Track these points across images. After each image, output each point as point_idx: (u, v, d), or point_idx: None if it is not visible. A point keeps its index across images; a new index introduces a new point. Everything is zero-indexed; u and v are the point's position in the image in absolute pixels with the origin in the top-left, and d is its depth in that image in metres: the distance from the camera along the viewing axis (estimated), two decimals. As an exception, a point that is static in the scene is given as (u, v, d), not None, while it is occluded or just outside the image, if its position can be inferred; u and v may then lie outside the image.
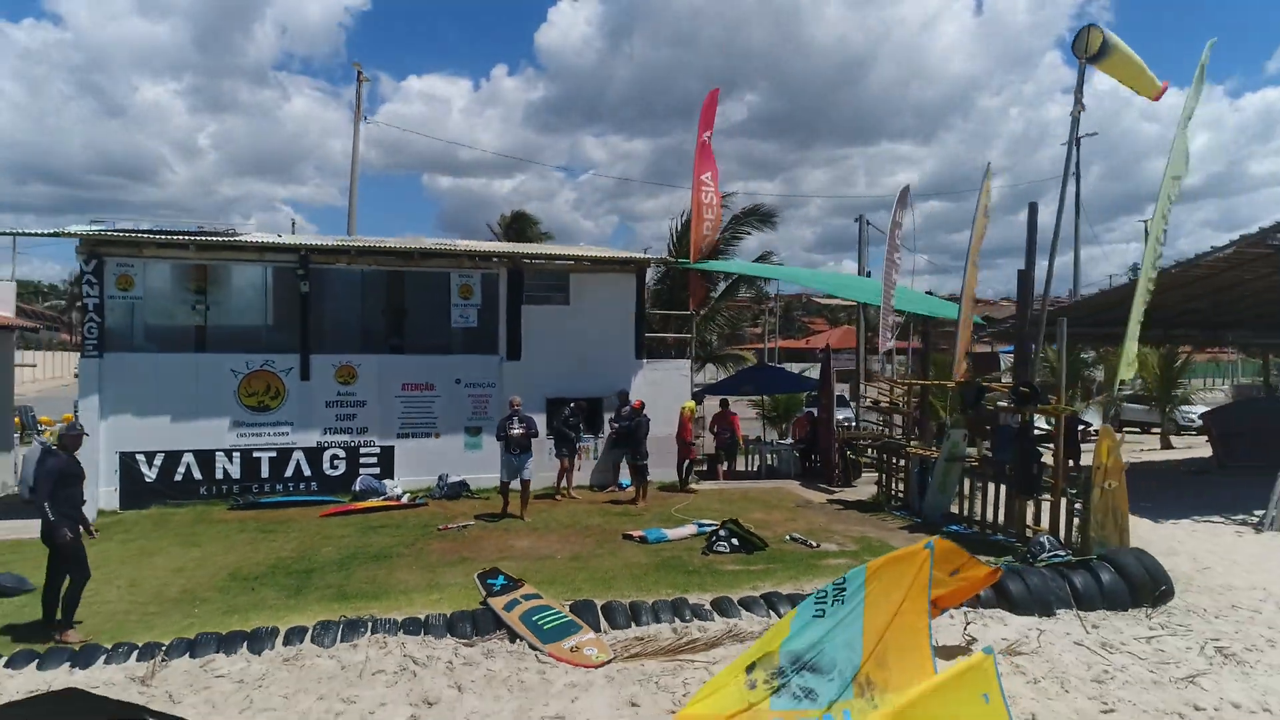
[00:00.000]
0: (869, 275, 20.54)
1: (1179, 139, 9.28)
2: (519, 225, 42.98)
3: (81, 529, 6.59)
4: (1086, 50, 9.62)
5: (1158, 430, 23.05)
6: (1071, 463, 11.99)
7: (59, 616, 6.50)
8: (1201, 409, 22.35)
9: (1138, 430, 25.99)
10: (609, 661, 5.87)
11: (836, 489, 13.75)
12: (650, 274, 16.84)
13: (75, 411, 25.84)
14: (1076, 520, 8.84)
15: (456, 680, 5.55)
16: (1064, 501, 9.00)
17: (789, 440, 18.23)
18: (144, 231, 12.09)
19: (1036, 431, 9.90)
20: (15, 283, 17.11)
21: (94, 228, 12.04)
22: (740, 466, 17.00)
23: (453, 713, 5.12)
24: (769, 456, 17.18)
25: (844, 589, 5.27)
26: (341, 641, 6.09)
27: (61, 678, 5.54)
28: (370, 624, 6.36)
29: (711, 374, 22.33)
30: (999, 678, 4.31)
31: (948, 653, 5.94)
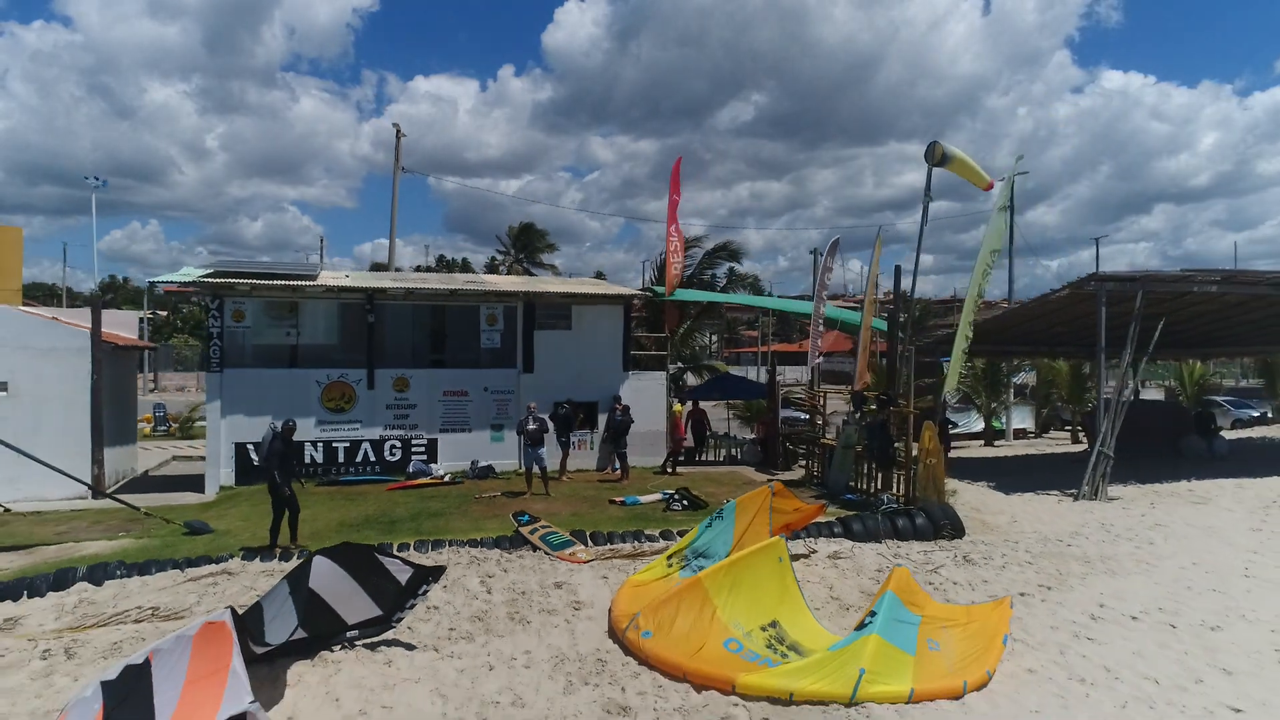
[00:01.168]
0: (857, 301, 24.48)
1: (995, 220, 13.22)
2: (527, 236, 47.03)
3: (299, 480, 10.82)
4: (934, 159, 13.59)
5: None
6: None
7: (283, 537, 10.67)
8: None
9: (1079, 428, 29.88)
10: (592, 560, 9.87)
11: (777, 472, 17.73)
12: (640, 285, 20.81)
13: (152, 411, 29.99)
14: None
15: (503, 567, 9.57)
16: (910, 472, 12.99)
17: (752, 435, 22.19)
18: (252, 275, 16.14)
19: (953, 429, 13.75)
20: (141, 316, 21.20)
21: (207, 271, 16.10)
22: (709, 457, 20.99)
23: (502, 580, 9.13)
24: (733, 449, 21.15)
25: (723, 511, 9.31)
26: (432, 550, 10.12)
27: (277, 565, 9.58)
28: (448, 543, 10.40)
29: (689, 380, 26.43)
30: (789, 552, 8.28)
31: (795, 557, 9.91)
